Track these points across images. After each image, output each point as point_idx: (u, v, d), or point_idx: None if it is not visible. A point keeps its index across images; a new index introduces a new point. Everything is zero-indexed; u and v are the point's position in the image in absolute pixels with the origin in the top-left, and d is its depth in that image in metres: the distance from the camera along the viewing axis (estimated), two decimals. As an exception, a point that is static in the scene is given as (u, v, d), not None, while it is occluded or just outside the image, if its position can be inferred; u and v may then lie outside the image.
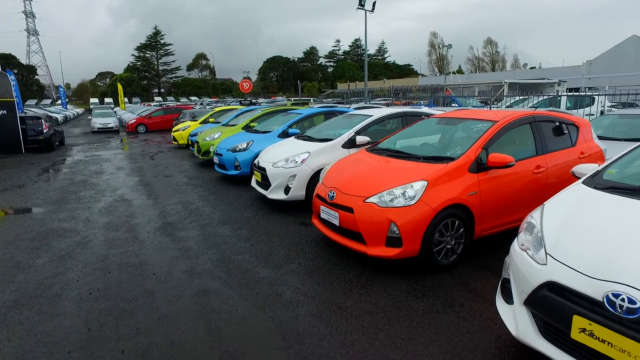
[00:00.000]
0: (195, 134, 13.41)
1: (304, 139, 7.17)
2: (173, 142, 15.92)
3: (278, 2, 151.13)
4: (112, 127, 24.29)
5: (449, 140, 5.10)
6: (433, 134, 5.42)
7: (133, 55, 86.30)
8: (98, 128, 24.11)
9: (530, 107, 14.51)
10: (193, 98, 68.32)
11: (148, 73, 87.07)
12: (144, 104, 46.06)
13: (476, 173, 4.23)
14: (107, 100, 64.00)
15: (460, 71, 51.08)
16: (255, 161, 7.12)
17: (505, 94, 24.83)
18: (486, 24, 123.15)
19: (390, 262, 4.17)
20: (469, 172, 4.20)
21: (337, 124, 7.67)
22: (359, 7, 22.97)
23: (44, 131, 14.70)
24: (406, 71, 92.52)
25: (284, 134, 8.66)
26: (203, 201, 7.22)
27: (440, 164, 4.22)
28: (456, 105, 19.24)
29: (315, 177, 6.24)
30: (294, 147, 6.81)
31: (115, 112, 32.28)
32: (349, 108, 11.70)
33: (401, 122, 7.19)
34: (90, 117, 28.52)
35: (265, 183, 6.59)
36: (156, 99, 67.41)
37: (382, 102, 26.89)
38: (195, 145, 11.48)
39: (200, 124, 15.31)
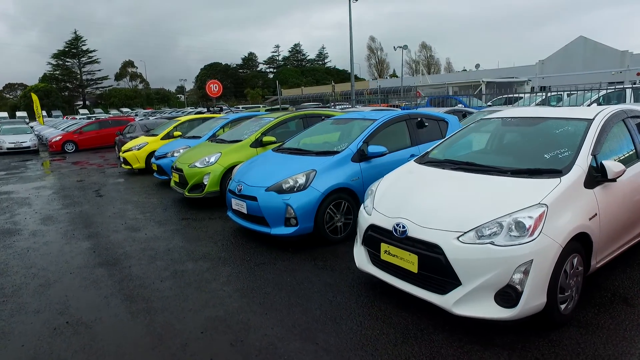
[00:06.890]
0: (163, 156, 9.26)
1: (464, 169, 3.49)
2: (123, 165, 11.47)
3: (195, 12, 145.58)
4: (28, 147, 18.96)
5: None
6: None
7: (50, 63, 75.80)
8: (8, 149, 18.68)
9: (591, 102, 12.03)
10: (125, 109, 61.10)
11: (70, 83, 77.11)
12: (67, 117, 39.30)
13: None
14: (19, 114, 54.90)
15: (394, 75, 49.60)
16: (391, 224, 3.18)
17: (483, 93, 23.18)
18: (400, 31, 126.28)
19: None
20: None
21: (512, 137, 4.18)
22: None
23: None
24: (347, 76, 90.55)
25: (361, 156, 5.02)
26: (262, 319, 3.30)
27: None
28: (461, 105, 16.97)
29: (563, 259, 2.68)
30: (484, 188, 3.13)
31: (31, 127, 26.12)
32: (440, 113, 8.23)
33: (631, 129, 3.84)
34: (-5, 135, 22.37)
35: (436, 277, 2.84)
36: (81, 111, 59.36)
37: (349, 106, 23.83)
38: (176, 175, 7.33)
39: (162, 139, 11.12)
